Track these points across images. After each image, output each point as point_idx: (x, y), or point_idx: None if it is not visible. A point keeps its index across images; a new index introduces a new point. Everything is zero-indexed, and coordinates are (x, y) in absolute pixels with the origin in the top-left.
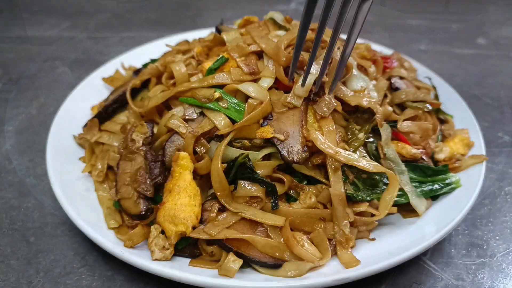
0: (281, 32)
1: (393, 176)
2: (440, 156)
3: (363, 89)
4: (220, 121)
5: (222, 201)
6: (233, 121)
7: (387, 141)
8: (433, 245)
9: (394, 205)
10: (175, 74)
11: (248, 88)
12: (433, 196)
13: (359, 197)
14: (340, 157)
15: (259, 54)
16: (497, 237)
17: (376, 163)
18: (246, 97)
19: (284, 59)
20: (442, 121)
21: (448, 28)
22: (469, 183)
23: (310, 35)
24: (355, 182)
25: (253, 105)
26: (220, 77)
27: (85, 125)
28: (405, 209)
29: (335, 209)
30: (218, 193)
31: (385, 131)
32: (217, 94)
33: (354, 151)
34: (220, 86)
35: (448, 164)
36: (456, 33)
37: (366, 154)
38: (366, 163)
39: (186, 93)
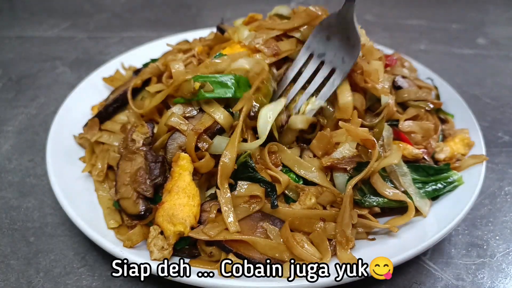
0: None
1: (412, 206)
2: (441, 156)
3: None
4: (220, 116)
5: (218, 181)
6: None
7: (389, 142)
8: (433, 245)
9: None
10: (172, 73)
11: (240, 62)
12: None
13: (367, 203)
14: None
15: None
16: (497, 237)
17: (395, 191)
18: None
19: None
20: (443, 121)
21: (448, 28)
22: (469, 183)
23: None
24: (361, 187)
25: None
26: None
27: (86, 125)
28: (406, 209)
29: (344, 211)
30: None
31: (386, 132)
32: (197, 84)
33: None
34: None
35: (449, 163)
36: (456, 33)
37: None
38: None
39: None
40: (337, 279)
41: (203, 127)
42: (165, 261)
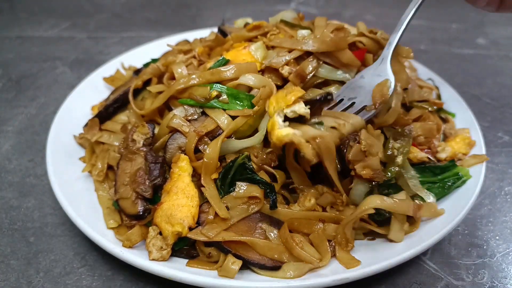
0: (305, 32)
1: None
2: (442, 155)
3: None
4: (223, 120)
5: (202, 179)
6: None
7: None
8: (433, 245)
9: None
10: (176, 76)
11: (248, 79)
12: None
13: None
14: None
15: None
16: (497, 237)
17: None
18: (248, 89)
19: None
20: (444, 120)
21: (448, 28)
22: (470, 183)
23: None
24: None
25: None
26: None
27: (86, 125)
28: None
29: (351, 219)
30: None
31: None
32: (214, 93)
33: (391, 178)
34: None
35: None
36: (456, 33)
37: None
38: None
39: (186, 91)
40: (337, 279)
41: (206, 130)
42: (163, 261)
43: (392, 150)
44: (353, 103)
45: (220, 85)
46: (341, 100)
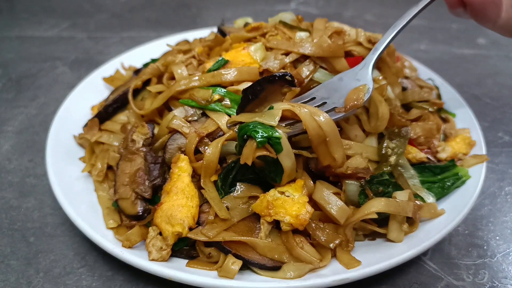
0: (304, 34)
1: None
2: (442, 155)
3: (378, 77)
4: (224, 122)
5: (201, 181)
6: None
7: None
8: (433, 245)
9: None
10: (176, 77)
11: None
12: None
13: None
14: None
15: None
16: (497, 237)
17: None
18: None
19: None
20: (444, 120)
21: (448, 28)
22: (470, 183)
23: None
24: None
25: None
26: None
27: (86, 125)
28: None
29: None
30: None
31: None
32: (216, 96)
33: (383, 174)
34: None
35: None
36: (456, 33)
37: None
38: None
39: (186, 92)
40: (337, 279)
41: (206, 132)
42: (163, 261)
43: (386, 149)
44: (325, 103)
45: (223, 90)
46: (313, 98)
